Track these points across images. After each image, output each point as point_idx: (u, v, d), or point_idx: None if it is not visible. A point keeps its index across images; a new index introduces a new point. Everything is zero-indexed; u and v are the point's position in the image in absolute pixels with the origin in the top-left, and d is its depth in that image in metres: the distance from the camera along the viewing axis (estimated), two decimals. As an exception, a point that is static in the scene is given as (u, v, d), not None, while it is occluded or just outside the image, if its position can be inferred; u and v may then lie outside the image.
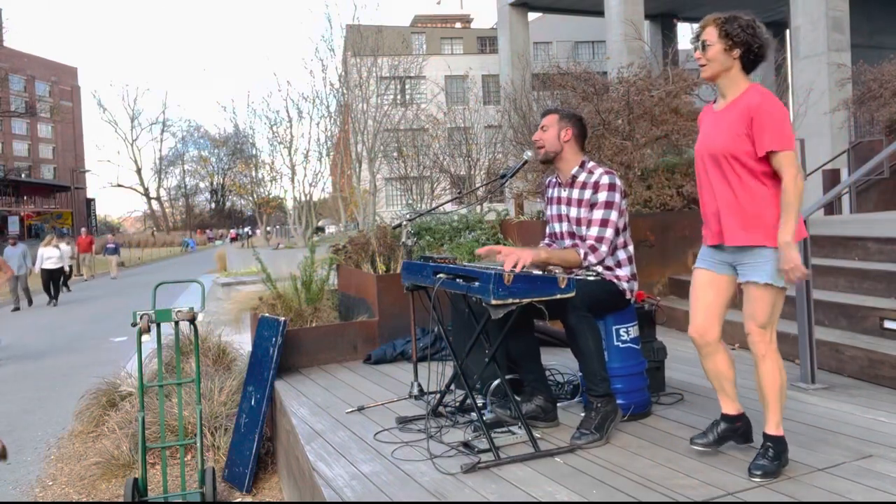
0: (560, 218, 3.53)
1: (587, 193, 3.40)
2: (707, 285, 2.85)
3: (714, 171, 2.75)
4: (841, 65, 12.20)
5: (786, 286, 2.68)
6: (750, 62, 2.72)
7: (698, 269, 2.90)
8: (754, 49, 2.69)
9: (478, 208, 7.85)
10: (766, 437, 2.72)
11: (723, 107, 2.78)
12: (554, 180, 3.62)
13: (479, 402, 3.39)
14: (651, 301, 3.81)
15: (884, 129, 10.78)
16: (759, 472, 2.62)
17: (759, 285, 2.68)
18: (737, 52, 2.68)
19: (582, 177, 3.44)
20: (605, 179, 3.37)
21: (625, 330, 3.41)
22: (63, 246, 17.92)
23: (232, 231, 66.57)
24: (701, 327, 2.84)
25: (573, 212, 3.44)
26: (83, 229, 29.54)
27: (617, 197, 3.36)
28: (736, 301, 2.89)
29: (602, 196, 3.35)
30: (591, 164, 3.47)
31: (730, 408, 2.90)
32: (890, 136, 10.41)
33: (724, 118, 2.73)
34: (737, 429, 2.90)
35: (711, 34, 2.70)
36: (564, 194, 3.50)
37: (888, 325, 4.10)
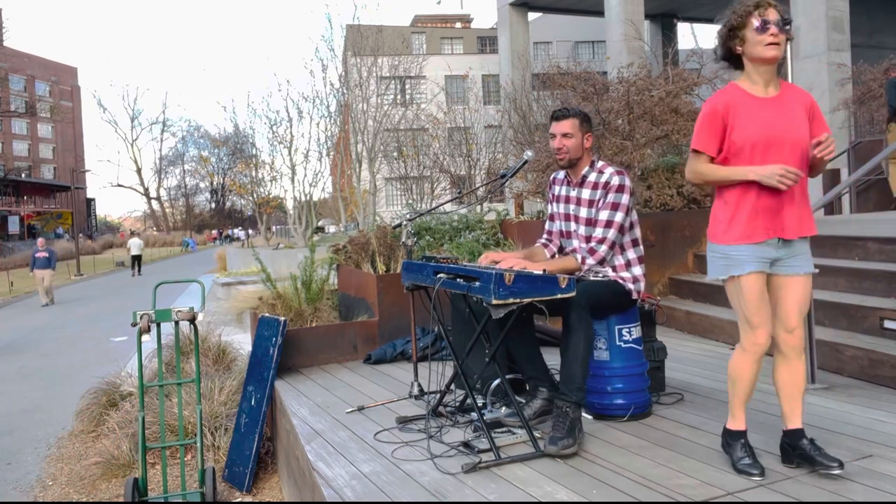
0: (568, 217, 3.54)
1: (598, 194, 3.41)
2: (763, 291, 2.65)
3: (782, 159, 2.58)
4: (841, 65, 12.20)
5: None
6: None
7: (752, 275, 2.62)
8: None
9: (478, 208, 7.85)
10: (802, 432, 2.69)
11: (773, 94, 2.65)
12: (561, 177, 3.62)
13: (479, 402, 3.39)
14: (651, 301, 3.81)
15: (884, 129, 10.77)
16: (836, 466, 2.56)
17: (811, 275, 2.69)
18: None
19: (592, 177, 3.45)
20: (616, 180, 3.37)
21: (627, 330, 3.41)
22: None
23: (213, 232, 64.47)
24: (770, 333, 2.67)
25: (583, 212, 3.45)
26: None
27: (624, 198, 3.36)
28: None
29: (609, 197, 3.37)
30: (600, 164, 3.48)
31: (741, 423, 2.79)
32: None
33: (783, 105, 2.63)
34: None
35: (775, 15, 2.58)
36: (574, 194, 3.50)
37: (888, 325, 4.09)
